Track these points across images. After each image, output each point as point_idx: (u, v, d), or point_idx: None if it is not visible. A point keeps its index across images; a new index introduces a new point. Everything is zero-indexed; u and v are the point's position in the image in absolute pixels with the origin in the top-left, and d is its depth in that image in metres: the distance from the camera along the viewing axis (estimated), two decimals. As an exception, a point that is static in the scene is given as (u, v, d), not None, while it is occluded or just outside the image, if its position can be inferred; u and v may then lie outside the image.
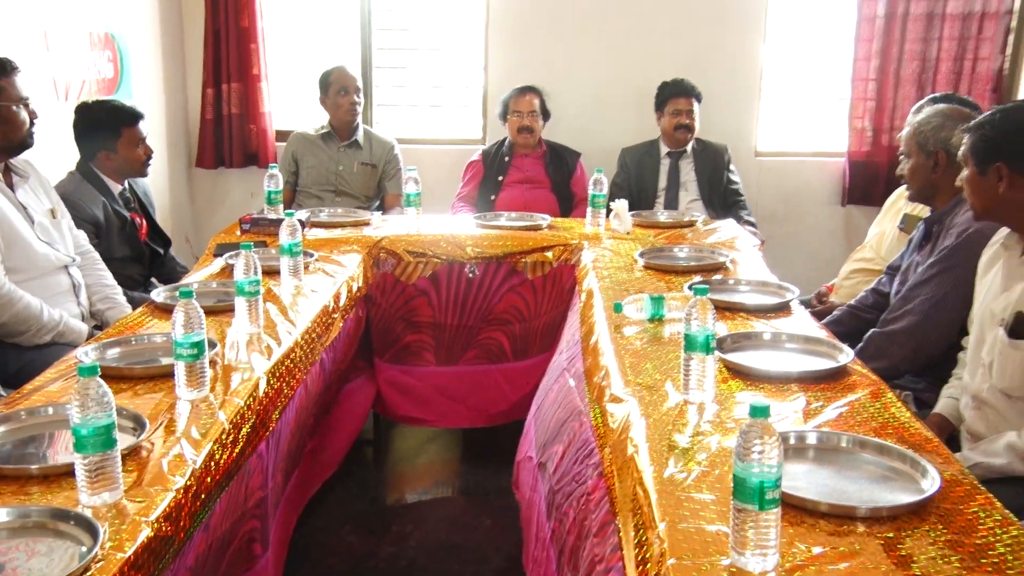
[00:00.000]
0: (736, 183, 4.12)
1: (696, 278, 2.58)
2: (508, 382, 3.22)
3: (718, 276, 2.62)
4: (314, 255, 2.81)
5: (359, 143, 4.07)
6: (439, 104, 4.68)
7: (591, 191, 3.27)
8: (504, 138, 4.16)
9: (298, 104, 4.61)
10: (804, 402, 1.70)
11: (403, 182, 3.42)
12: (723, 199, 4.06)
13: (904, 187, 2.64)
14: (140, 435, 1.55)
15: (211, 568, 1.61)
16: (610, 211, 3.27)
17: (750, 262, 2.83)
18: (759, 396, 1.74)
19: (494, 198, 4.04)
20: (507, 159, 4.11)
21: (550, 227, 3.27)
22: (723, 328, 2.09)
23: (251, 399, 1.82)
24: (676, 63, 4.25)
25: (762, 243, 3.29)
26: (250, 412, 1.80)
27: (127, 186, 3.17)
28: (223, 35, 4.37)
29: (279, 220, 2.68)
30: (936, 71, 4.28)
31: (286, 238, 2.51)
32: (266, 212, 3.31)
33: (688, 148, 4.08)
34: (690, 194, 4.06)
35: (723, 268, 2.73)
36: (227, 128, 4.49)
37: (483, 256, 3.11)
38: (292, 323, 2.25)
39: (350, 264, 2.86)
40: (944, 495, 1.35)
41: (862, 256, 3.20)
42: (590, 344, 2.24)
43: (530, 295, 3.15)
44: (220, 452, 1.62)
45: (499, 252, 3.11)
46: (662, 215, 3.55)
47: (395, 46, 4.59)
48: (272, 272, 2.55)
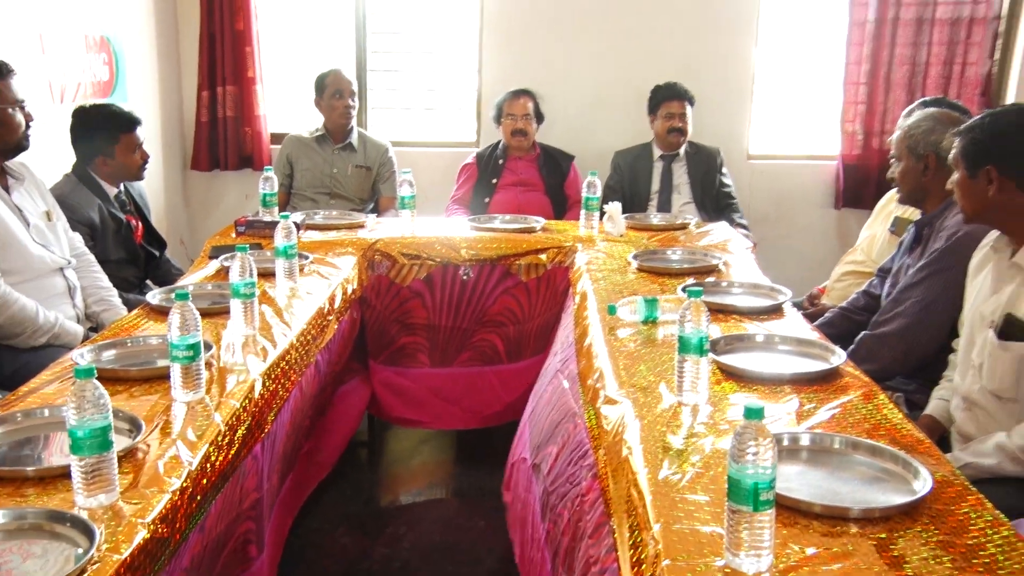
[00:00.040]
0: (728, 186, 4.14)
1: (689, 280, 2.59)
2: (502, 384, 3.22)
3: (711, 278, 2.63)
4: (309, 257, 2.81)
5: (353, 146, 4.07)
6: (433, 107, 4.69)
7: (584, 194, 3.28)
8: (498, 141, 4.17)
9: (293, 107, 4.61)
10: (797, 404, 1.71)
11: (398, 184, 3.42)
12: (715, 202, 4.07)
13: (895, 190, 2.65)
14: (136, 437, 1.55)
15: (206, 570, 1.61)
16: (603, 214, 3.27)
17: (743, 264, 2.84)
18: (752, 398, 1.74)
19: (488, 201, 4.04)
20: (501, 162, 4.11)
21: (544, 229, 3.28)
22: (716, 330, 2.09)
23: (247, 401, 1.81)
24: (669, 67, 4.27)
25: (754, 246, 3.30)
26: (246, 414, 1.79)
27: (123, 189, 3.16)
28: (218, 38, 4.38)
29: (274, 222, 2.68)
30: (926, 75, 4.31)
31: (281, 240, 2.51)
32: (261, 214, 3.31)
33: (681, 151, 4.09)
34: (683, 197, 4.07)
35: (716, 270, 2.73)
36: (222, 131, 4.49)
37: (477, 258, 3.11)
38: (287, 325, 2.25)
39: (345, 266, 2.86)
40: (936, 496, 1.35)
41: (853, 259, 3.21)
42: (584, 346, 2.24)
43: (524, 297, 3.16)
44: (216, 454, 1.61)
45: (493, 254, 3.12)
46: (655, 218, 3.55)
47: (389, 49, 4.60)
48: (267, 274, 2.55)
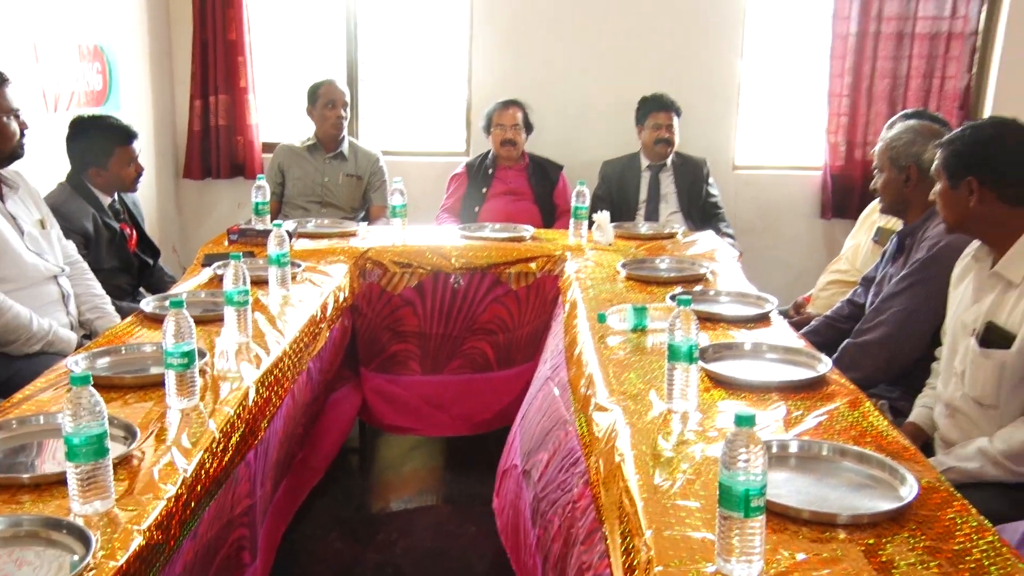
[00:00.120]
0: (715, 196, 4.17)
1: (677, 289, 2.60)
2: (492, 391, 3.24)
3: (699, 287, 2.65)
4: (301, 265, 2.82)
5: (344, 155, 4.09)
6: (423, 117, 4.72)
7: (573, 203, 3.31)
8: (488, 151, 4.19)
9: (285, 116, 4.63)
10: (785, 411, 1.73)
11: (388, 193, 3.44)
12: (702, 211, 4.10)
13: (878, 200, 2.68)
14: (131, 444, 1.55)
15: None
16: (592, 223, 3.31)
17: (729, 273, 2.87)
18: (741, 405, 1.76)
19: (478, 210, 4.06)
20: (491, 171, 4.14)
21: (533, 238, 3.31)
22: (705, 338, 2.10)
23: (241, 408, 1.82)
24: (656, 78, 4.31)
25: (740, 255, 3.33)
26: (240, 421, 1.80)
27: (116, 197, 3.16)
28: (211, 48, 4.38)
29: (267, 231, 2.69)
30: (907, 88, 4.37)
31: (274, 248, 2.52)
32: (254, 223, 3.32)
33: (668, 161, 4.12)
34: (670, 206, 4.09)
35: (703, 279, 2.75)
36: (214, 139, 4.49)
37: (468, 267, 3.13)
38: (280, 333, 2.26)
39: (337, 274, 2.87)
40: (922, 502, 1.37)
41: (838, 268, 3.25)
42: (574, 354, 2.25)
43: (514, 305, 3.18)
44: (210, 461, 1.62)
45: (483, 263, 3.14)
46: (643, 227, 3.58)
47: (380, 60, 4.62)
48: (259, 282, 2.56)
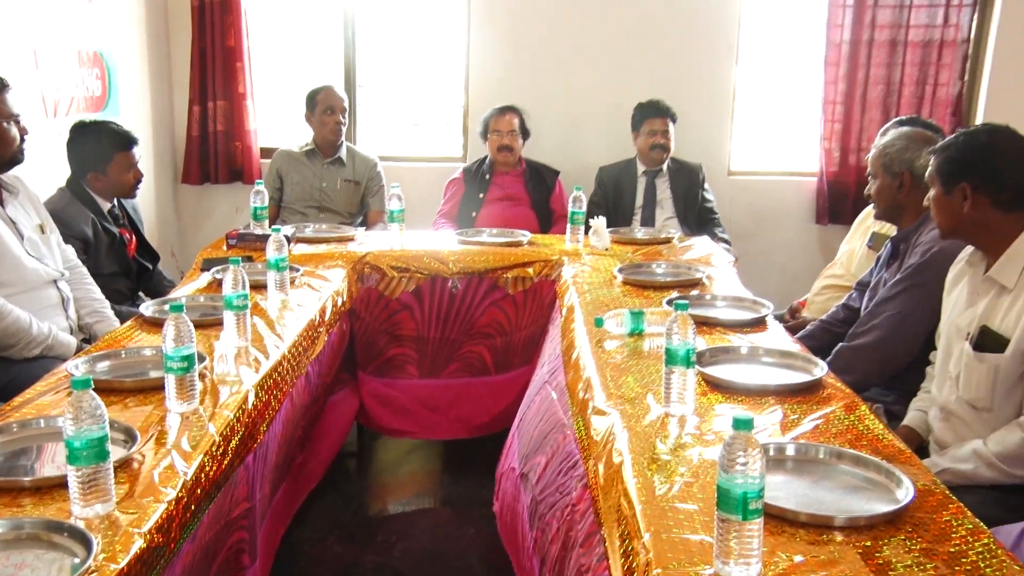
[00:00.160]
0: (710, 201, 4.19)
1: (674, 293, 2.62)
2: (489, 395, 3.25)
3: (695, 292, 2.66)
4: (300, 270, 2.83)
5: (342, 160, 4.10)
6: (421, 123, 4.73)
7: (570, 208, 3.32)
8: (485, 156, 4.20)
9: (283, 122, 4.64)
10: (781, 414, 1.74)
11: (386, 199, 3.45)
12: (698, 217, 4.12)
13: (872, 206, 2.70)
14: (131, 447, 1.55)
15: (198, 578, 1.62)
16: (589, 228, 3.32)
17: (725, 278, 2.88)
18: (738, 409, 1.77)
19: (475, 215, 4.07)
20: (488, 177, 4.15)
21: (530, 243, 3.32)
22: (701, 342, 2.11)
23: (240, 411, 1.83)
24: (651, 84, 4.32)
25: (735, 260, 3.35)
26: (239, 424, 1.81)
27: (116, 202, 3.17)
28: (209, 54, 4.40)
29: (265, 235, 2.70)
30: (900, 95, 4.39)
31: (273, 253, 2.53)
32: (252, 227, 3.33)
33: (664, 167, 4.13)
34: (666, 212, 4.11)
35: (700, 284, 2.77)
36: (213, 145, 4.50)
37: (465, 271, 3.14)
38: (279, 337, 2.27)
39: (335, 279, 2.88)
40: (918, 504, 1.38)
41: (833, 273, 3.27)
42: (571, 358, 2.26)
43: (511, 309, 3.19)
44: (210, 464, 1.63)
45: (481, 267, 3.15)
46: (639, 232, 3.59)
47: (378, 66, 4.63)
48: (258, 286, 2.57)
